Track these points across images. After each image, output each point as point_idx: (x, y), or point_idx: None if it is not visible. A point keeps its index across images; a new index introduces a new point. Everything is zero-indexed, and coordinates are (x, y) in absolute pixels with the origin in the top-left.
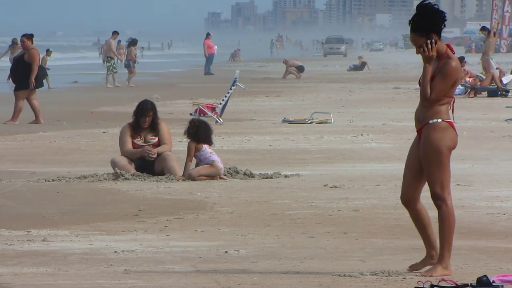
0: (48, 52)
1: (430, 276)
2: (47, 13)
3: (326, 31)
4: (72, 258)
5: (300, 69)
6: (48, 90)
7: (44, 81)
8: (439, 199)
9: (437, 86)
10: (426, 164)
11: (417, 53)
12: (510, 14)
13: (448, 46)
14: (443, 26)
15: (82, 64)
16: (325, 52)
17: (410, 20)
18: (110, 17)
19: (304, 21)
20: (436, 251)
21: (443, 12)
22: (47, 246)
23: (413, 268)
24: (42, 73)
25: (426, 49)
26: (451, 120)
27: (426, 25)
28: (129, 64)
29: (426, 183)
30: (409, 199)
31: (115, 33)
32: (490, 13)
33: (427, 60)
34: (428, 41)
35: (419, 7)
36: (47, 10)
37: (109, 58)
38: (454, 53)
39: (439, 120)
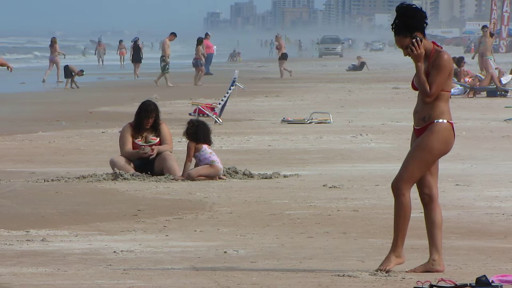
0: (79, 72)
1: (387, 267)
2: (46, 13)
3: (325, 31)
4: (71, 258)
5: (284, 56)
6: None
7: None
8: (398, 190)
9: (435, 80)
10: (410, 155)
11: (405, 55)
12: (509, 14)
13: (433, 43)
14: (425, 24)
15: (80, 64)
16: (321, 52)
17: (392, 25)
18: (109, 17)
19: (303, 21)
20: (439, 256)
21: (423, 10)
22: (46, 246)
23: (413, 271)
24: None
25: (414, 48)
26: (453, 121)
27: (409, 25)
28: (197, 63)
29: (429, 180)
30: (430, 194)
31: (173, 34)
32: (489, 13)
33: (416, 59)
34: (413, 40)
35: (398, 9)
36: (46, 10)
37: (163, 58)
38: (441, 48)
39: (444, 121)
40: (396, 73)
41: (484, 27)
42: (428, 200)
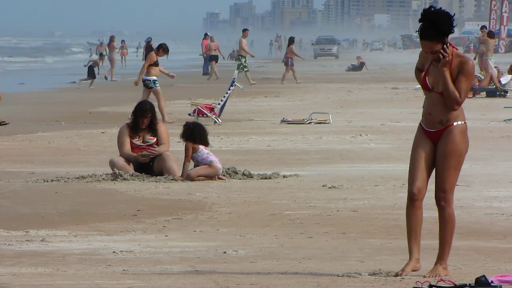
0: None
1: (437, 275)
2: (45, 13)
3: (324, 31)
4: (70, 259)
5: (213, 58)
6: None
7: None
8: (446, 201)
9: (464, 87)
10: (444, 165)
11: (433, 59)
12: (508, 15)
13: (451, 45)
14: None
15: (79, 64)
16: (316, 53)
17: (420, 29)
18: (108, 17)
19: (303, 21)
20: (419, 254)
21: (451, 14)
22: (45, 246)
23: (401, 272)
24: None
25: (446, 54)
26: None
27: (443, 31)
28: (288, 62)
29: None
30: (422, 194)
31: (246, 30)
32: (488, 14)
33: (445, 65)
34: (444, 46)
35: (429, 14)
36: (45, 10)
37: (239, 57)
38: (457, 49)
39: (462, 122)
40: (396, 73)
41: (483, 27)
42: (418, 198)
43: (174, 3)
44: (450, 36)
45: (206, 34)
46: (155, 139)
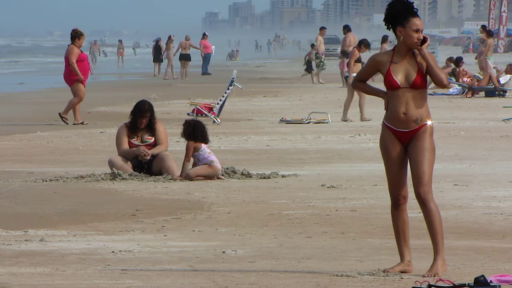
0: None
1: (436, 274)
2: (45, 13)
3: None
4: (69, 258)
5: (183, 57)
6: None
7: None
8: (429, 194)
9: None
10: (424, 160)
11: (420, 39)
12: (507, 14)
13: None
14: None
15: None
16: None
17: (405, 10)
18: (108, 17)
19: (302, 21)
20: (410, 256)
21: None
22: (44, 246)
23: (389, 270)
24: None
25: (427, 37)
26: None
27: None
28: None
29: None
30: (407, 198)
31: (323, 28)
32: (487, 13)
33: (425, 48)
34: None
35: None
36: (44, 10)
37: (317, 55)
38: None
39: (431, 123)
40: None
41: (482, 26)
42: (403, 201)
43: (173, 3)
44: (449, 35)
45: (204, 34)
46: (153, 139)
